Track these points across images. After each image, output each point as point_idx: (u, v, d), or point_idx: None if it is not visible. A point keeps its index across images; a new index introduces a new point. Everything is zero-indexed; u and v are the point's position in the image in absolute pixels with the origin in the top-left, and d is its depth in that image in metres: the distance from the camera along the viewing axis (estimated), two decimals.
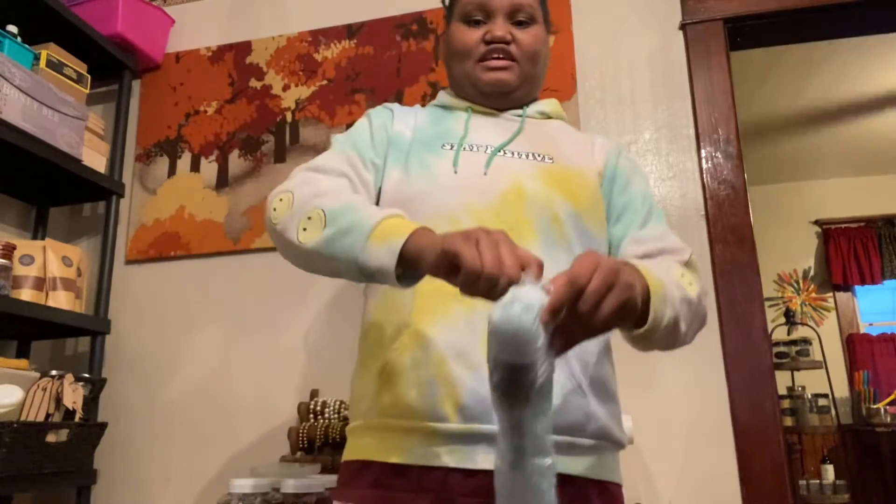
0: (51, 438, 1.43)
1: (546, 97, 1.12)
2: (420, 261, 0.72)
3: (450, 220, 0.88)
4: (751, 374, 1.48)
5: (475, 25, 1.03)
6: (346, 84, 1.84)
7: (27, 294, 1.53)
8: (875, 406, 4.13)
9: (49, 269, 1.59)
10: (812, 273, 4.77)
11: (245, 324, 1.75)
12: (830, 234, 4.77)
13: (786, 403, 3.73)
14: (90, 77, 1.78)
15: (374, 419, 0.87)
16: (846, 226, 4.77)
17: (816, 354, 3.78)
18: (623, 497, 0.92)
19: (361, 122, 1.05)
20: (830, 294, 4.72)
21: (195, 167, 1.89)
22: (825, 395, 3.72)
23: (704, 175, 1.61)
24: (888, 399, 4.15)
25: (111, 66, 1.89)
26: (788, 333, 3.98)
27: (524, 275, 0.62)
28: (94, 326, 1.69)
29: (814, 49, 3.14)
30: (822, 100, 3.74)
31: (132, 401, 1.76)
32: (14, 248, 1.50)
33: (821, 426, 3.69)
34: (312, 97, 1.86)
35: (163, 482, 1.69)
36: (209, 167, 1.88)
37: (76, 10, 1.77)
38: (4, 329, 1.65)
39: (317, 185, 0.87)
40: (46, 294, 1.58)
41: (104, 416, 1.69)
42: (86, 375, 1.61)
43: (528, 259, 0.64)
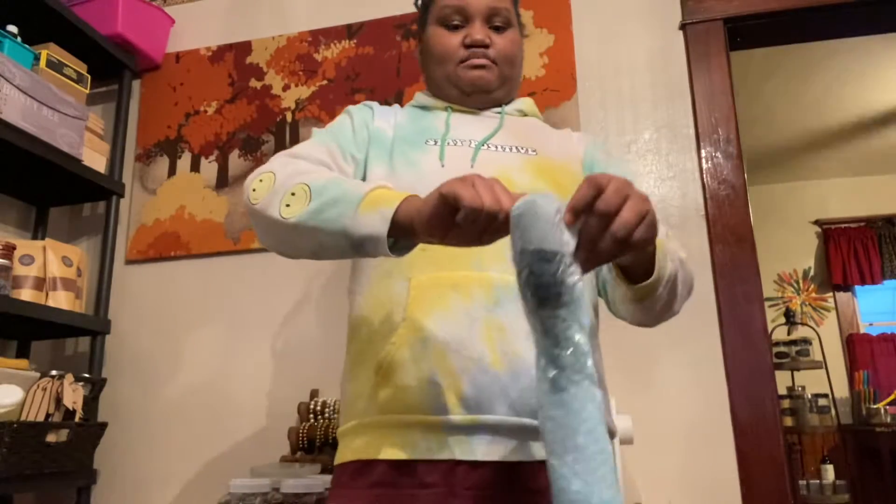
0: (51, 438, 1.43)
1: (546, 97, 1.13)
2: (413, 224, 0.72)
3: None
4: (751, 374, 1.48)
5: (453, 29, 1.04)
6: (346, 84, 1.84)
7: (27, 294, 1.53)
8: (875, 406, 4.13)
9: (49, 269, 1.59)
10: (812, 273, 4.77)
11: (245, 324, 1.75)
12: (830, 234, 4.77)
13: (786, 403, 3.73)
14: (90, 77, 1.78)
15: (372, 417, 0.86)
16: (846, 226, 4.77)
17: (816, 354, 3.78)
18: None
19: (342, 118, 1.04)
20: (830, 294, 4.72)
21: (195, 167, 1.89)
22: (825, 395, 3.72)
23: (704, 175, 1.61)
24: (888, 399, 4.15)
25: (111, 66, 1.89)
26: (788, 333, 3.98)
27: None
28: (94, 326, 1.69)
29: (814, 49, 3.14)
30: (823, 99, 3.74)
31: (132, 401, 1.77)
32: (14, 248, 1.50)
33: (821, 426, 3.69)
34: (312, 97, 1.86)
35: (163, 482, 1.69)
36: (209, 167, 1.88)
37: (76, 10, 1.77)
38: (4, 329, 1.65)
39: (297, 166, 0.87)
40: (46, 294, 1.58)
41: (104, 416, 1.69)
42: (86, 375, 1.61)
43: (517, 195, 0.66)
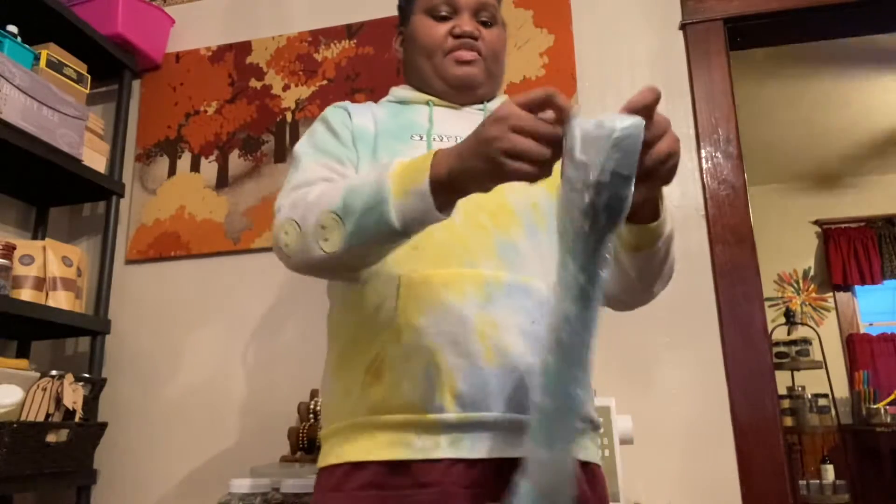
0: (51, 438, 1.43)
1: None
2: (454, 187, 0.72)
3: None
4: (751, 374, 1.48)
5: (441, 20, 1.03)
6: (346, 84, 1.84)
7: (27, 294, 1.53)
8: (875, 406, 4.13)
9: (49, 269, 1.59)
10: (812, 273, 4.77)
11: (245, 324, 1.75)
12: (830, 234, 4.77)
13: (786, 403, 3.73)
14: (90, 77, 1.78)
15: (361, 418, 0.84)
16: (846, 226, 4.77)
17: (816, 354, 3.78)
18: (604, 477, 0.94)
19: (319, 126, 1.01)
20: (830, 294, 4.72)
21: (195, 167, 1.89)
22: (825, 395, 3.72)
23: (704, 175, 1.61)
24: (888, 399, 4.15)
25: (111, 66, 1.89)
26: (788, 333, 3.98)
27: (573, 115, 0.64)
28: (94, 326, 1.69)
29: (814, 49, 3.14)
30: (823, 99, 3.74)
31: (132, 401, 1.76)
32: (14, 248, 1.50)
33: (821, 426, 3.70)
34: (312, 97, 1.86)
35: (163, 482, 1.69)
36: (209, 167, 1.88)
37: (76, 10, 1.77)
38: (4, 329, 1.65)
39: (306, 198, 0.85)
40: (46, 294, 1.58)
41: (104, 416, 1.69)
42: (86, 375, 1.61)
43: (539, 99, 0.66)
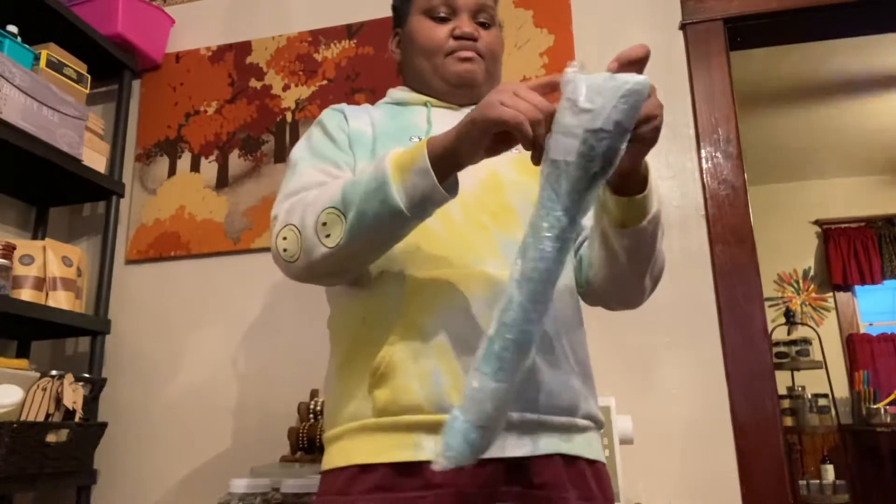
0: (51, 438, 1.43)
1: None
2: (452, 159, 0.75)
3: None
4: (751, 374, 1.48)
5: (440, 21, 1.03)
6: (346, 84, 1.84)
7: (27, 294, 1.53)
8: (875, 406, 4.13)
9: (49, 269, 1.59)
10: (812, 273, 4.77)
11: (245, 324, 1.75)
12: (830, 234, 4.77)
13: (786, 403, 3.74)
14: (90, 77, 1.78)
15: (368, 420, 0.83)
16: (846, 226, 4.77)
17: (816, 354, 3.78)
18: (609, 475, 0.94)
19: (316, 130, 1.01)
20: (830, 294, 4.72)
21: (195, 167, 1.89)
22: (825, 395, 3.72)
23: (704, 175, 1.61)
24: (888, 399, 4.15)
25: (111, 66, 1.89)
26: (788, 333, 3.98)
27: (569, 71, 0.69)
28: (94, 326, 1.69)
29: (814, 49, 3.14)
30: (823, 99, 3.74)
31: (132, 401, 1.76)
32: (14, 248, 1.50)
33: (821, 426, 3.70)
34: (312, 97, 1.86)
35: (163, 482, 1.69)
36: (209, 167, 1.88)
37: (76, 10, 1.77)
38: (4, 329, 1.65)
39: (303, 201, 0.85)
40: (46, 294, 1.58)
41: (104, 416, 1.69)
42: (86, 375, 1.61)
43: (546, 83, 0.72)
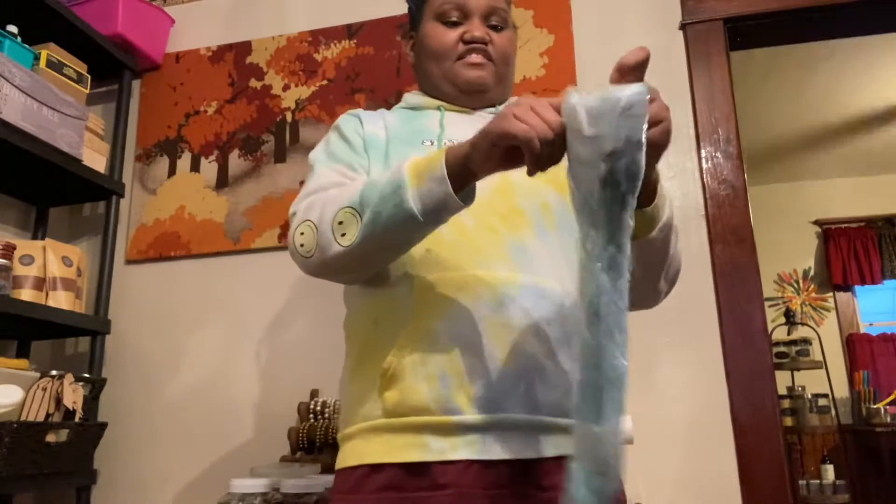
0: (51, 438, 1.43)
1: (546, 97, 1.12)
2: (469, 168, 0.75)
3: None
4: (751, 374, 1.48)
5: (451, 26, 1.03)
6: (346, 84, 1.84)
7: (27, 294, 1.53)
8: (875, 406, 4.13)
9: (49, 269, 1.59)
10: (812, 273, 4.77)
11: (245, 324, 1.75)
12: (830, 234, 4.77)
13: (786, 403, 3.74)
14: (90, 77, 1.78)
15: (378, 420, 0.85)
16: (846, 226, 4.77)
17: (816, 354, 3.78)
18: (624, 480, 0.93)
19: (332, 135, 1.03)
20: (830, 294, 4.72)
21: (195, 167, 1.89)
22: (825, 395, 3.72)
23: (704, 175, 1.61)
24: (888, 399, 4.15)
25: (111, 66, 1.89)
26: (788, 333, 3.98)
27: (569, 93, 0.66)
28: (94, 326, 1.69)
29: (814, 49, 3.14)
30: (823, 99, 3.74)
31: (132, 401, 1.76)
32: (14, 248, 1.50)
33: (821, 426, 3.70)
34: (312, 97, 1.86)
35: (163, 482, 1.69)
36: (209, 167, 1.88)
37: (76, 10, 1.77)
38: (4, 329, 1.65)
39: (322, 199, 0.86)
40: (46, 294, 1.58)
41: (104, 416, 1.69)
42: (86, 375, 1.61)
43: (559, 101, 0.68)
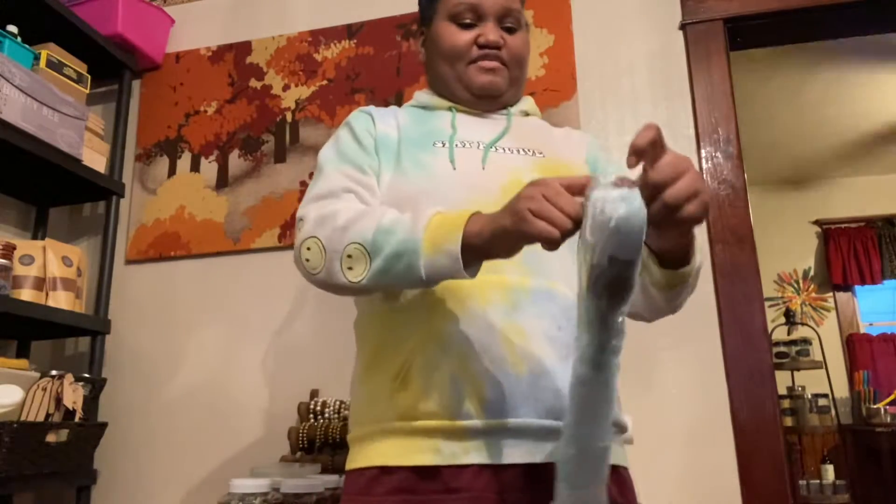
0: (51, 438, 1.43)
1: (546, 97, 1.12)
2: (482, 250, 0.75)
3: None
4: (751, 374, 1.48)
5: (465, 27, 1.02)
6: (346, 84, 1.84)
7: (27, 294, 1.53)
8: (875, 406, 4.13)
9: (49, 269, 1.59)
10: (812, 273, 4.77)
11: (245, 324, 1.75)
12: (830, 234, 4.77)
13: (786, 403, 3.73)
14: (90, 77, 1.78)
15: (390, 423, 0.85)
16: (846, 226, 4.77)
17: (816, 354, 3.78)
18: (632, 480, 0.94)
19: (344, 132, 1.02)
20: (830, 294, 4.72)
21: (195, 167, 1.89)
22: (825, 395, 3.72)
23: (704, 175, 1.61)
24: (888, 399, 4.15)
25: (111, 66, 1.89)
26: (788, 333, 3.98)
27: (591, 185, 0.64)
28: (94, 326, 1.69)
29: (814, 49, 3.14)
30: (823, 99, 3.74)
31: (132, 401, 1.76)
32: (14, 248, 1.50)
33: (821, 426, 3.70)
34: (312, 97, 1.86)
35: (163, 482, 1.69)
36: (209, 167, 1.88)
37: (76, 10, 1.77)
38: (4, 329, 1.65)
39: (334, 219, 0.85)
40: (46, 294, 1.58)
41: (104, 416, 1.69)
42: (86, 375, 1.61)
43: (579, 184, 0.67)
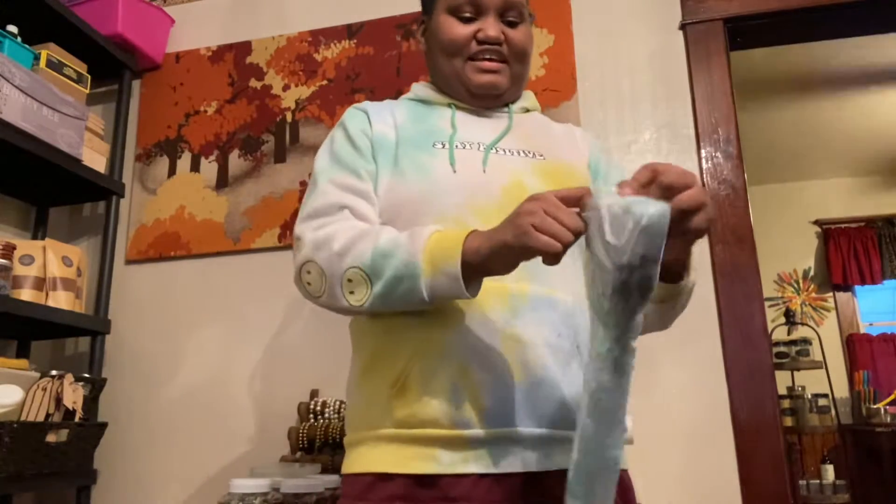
0: (51, 438, 1.43)
1: (546, 97, 1.12)
2: (482, 268, 0.76)
3: (454, 221, 0.86)
4: (751, 374, 1.48)
5: (465, 21, 0.99)
6: (346, 84, 1.84)
7: (27, 294, 1.53)
8: (875, 406, 4.13)
9: (49, 269, 1.59)
10: (812, 273, 4.77)
11: (245, 324, 1.75)
12: (830, 234, 4.77)
13: (786, 403, 3.73)
14: (90, 77, 1.78)
15: (388, 430, 0.84)
16: (846, 226, 4.77)
17: (816, 354, 3.78)
18: (631, 481, 0.94)
19: (338, 135, 0.99)
20: (830, 294, 4.72)
21: (195, 167, 1.89)
22: (825, 395, 3.72)
23: (704, 175, 1.61)
24: (888, 399, 4.15)
25: (111, 66, 1.89)
26: (788, 333, 3.98)
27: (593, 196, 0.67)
28: (94, 326, 1.69)
29: (814, 49, 3.14)
30: (823, 99, 3.74)
31: (132, 401, 1.76)
32: (14, 248, 1.50)
33: (821, 426, 3.69)
34: (312, 97, 1.86)
35: (163, 482, 1.69)
36: (209, 167, 1.88)
37: (76, 10, 1.77)
38: (4, 329, 1.65)
39: (331, 244, 0.85)
40: (46, 294, 1.58)
41: (104, 416, 1.69)
42: (86, 375, 1.61)
43: (575, 196, 0.69)
